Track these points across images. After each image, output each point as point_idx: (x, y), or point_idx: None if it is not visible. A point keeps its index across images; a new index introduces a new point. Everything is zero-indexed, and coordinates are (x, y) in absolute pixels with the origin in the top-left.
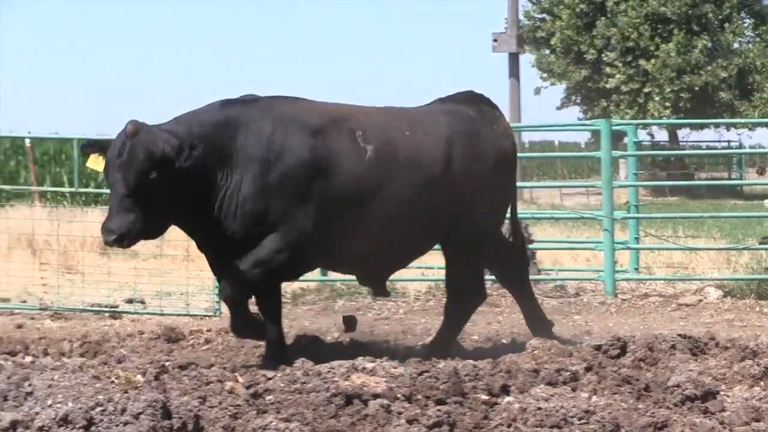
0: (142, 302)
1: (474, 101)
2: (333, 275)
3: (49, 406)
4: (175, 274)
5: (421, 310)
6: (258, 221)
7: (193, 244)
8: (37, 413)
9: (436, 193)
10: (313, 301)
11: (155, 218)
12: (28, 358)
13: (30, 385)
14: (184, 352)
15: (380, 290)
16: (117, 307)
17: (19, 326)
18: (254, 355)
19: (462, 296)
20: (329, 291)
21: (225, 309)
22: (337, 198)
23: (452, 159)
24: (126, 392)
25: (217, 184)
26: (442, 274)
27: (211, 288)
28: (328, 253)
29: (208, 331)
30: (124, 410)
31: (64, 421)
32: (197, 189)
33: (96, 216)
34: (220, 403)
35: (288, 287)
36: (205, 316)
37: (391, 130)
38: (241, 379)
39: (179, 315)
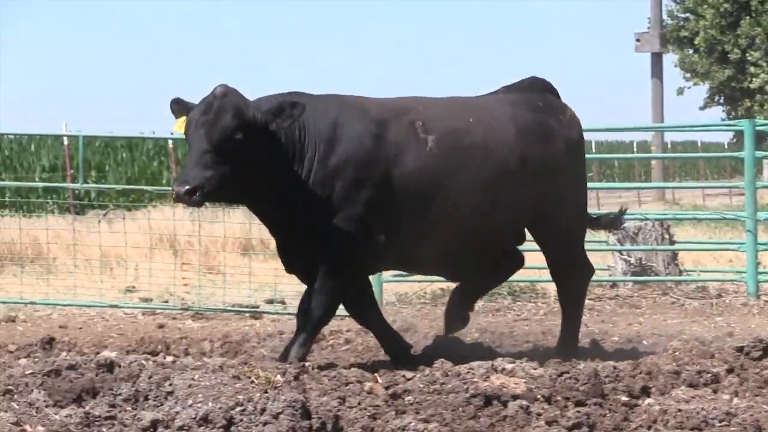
0: (283, 302)
1: (539, 89)
2: None
3: (190, 405)
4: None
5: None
6: (324, 209)
7: None
8: (177, 413)
9: (506, 184)
10: None
11: (232, 182)
12: (169, 358)
13: (171, 384)
14: (323, 352)
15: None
16: (257, 307)
17: (161, 326)
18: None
19: (567, 282)
20: None
21: None
22: (402, 190)
23: (520, 148)
24: (266, 392)
25: (291, 170)
26: None
27: None
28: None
29: (347, 331)
30: (263, 410)
31: (204, 420)
32: (277, 167)
33: (238, 217)
34: (359, 404)
35: (427, 288)
36: (345, 316)
37: (455, 120)
38: (380, 380)
39: None
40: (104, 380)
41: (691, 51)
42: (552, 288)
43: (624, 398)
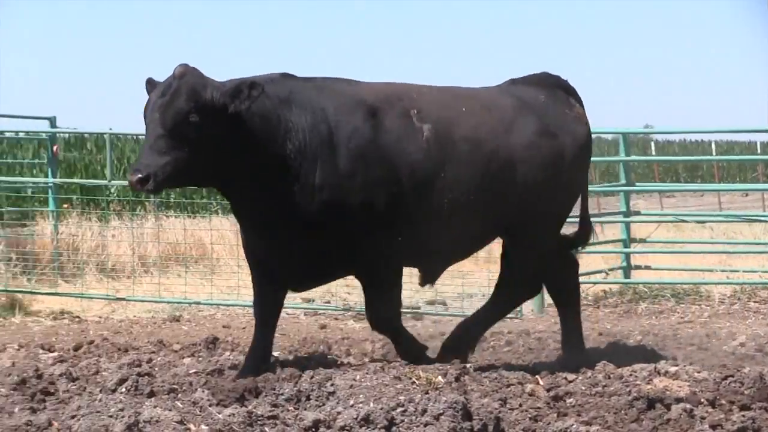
0: (444, 303)
1: (547, 84)
2: (636, 277)
3: (351, 405)
4: (476, 276)
5: (725, 314)
6: (320, 199)
7: (495, 246)
8: (339, 413)
9: (494, 178)
10: (615, 303)
11: (190, 167)
12: (331, 358)
13: (332, 385)
14: (484, 354)
15: (432, 279)
16: (419, 308)
17: (323, 326)
18: (555, 357)
19: (512, 287)
20: (632, 293)
21: (526, 311)
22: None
23: (511, 142)
24: (427, 393)
25: (277, 158)
26: (747, 277)
27: None
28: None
29: (509, 333)
30: (424, 411)
31: (366, 421)
32: (253, 150)
33: None
34: (520, 405)
35: (589, 289)
36: (507, 318)
37: (449, 109)
38: (541, 382)
39: None
40: (267, 380)
41: None
42: (716, 290)
43: None
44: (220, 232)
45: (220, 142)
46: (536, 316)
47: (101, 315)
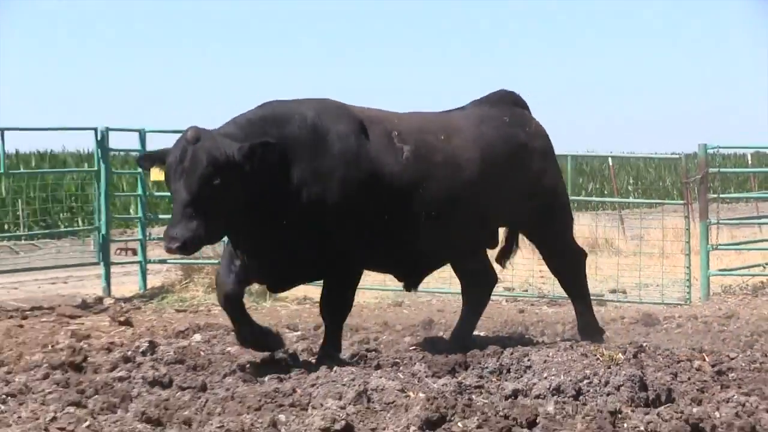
0: (624, 292)
1: (506, 102)
2: None
3: (545, 378)
4: (652, 269)
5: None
6: (312, 213)
7: (668, 243)
8: (534, 384)
9: (471, 196)
10: None
11: (218, 223)
12: (528, 338)
13: (529, 360)
14: (658, 335)
15: (414, 285)
16: (602, 296)
17: (521, 311)
18: (719, 339)
19: (479, 283)
20: None
21: (694, 298)
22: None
23: (486, 163)
24: (609, 368)
25: (273, 182)
26: None
27: (683, 280)
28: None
29: (679, 317)
30: (607, 382)
31: (557, 390)
32: (257, 189)
33: (586, 219)
34: (689, 379)
35: (749, 281)
36: (678, 304)
37: (426, 134)
38: (707, 359)
39: (655, 303)
40: (474, 356)
41: None
42: None
43: None
44: None
45: (240, 194)
46: (702, 303)
47: None
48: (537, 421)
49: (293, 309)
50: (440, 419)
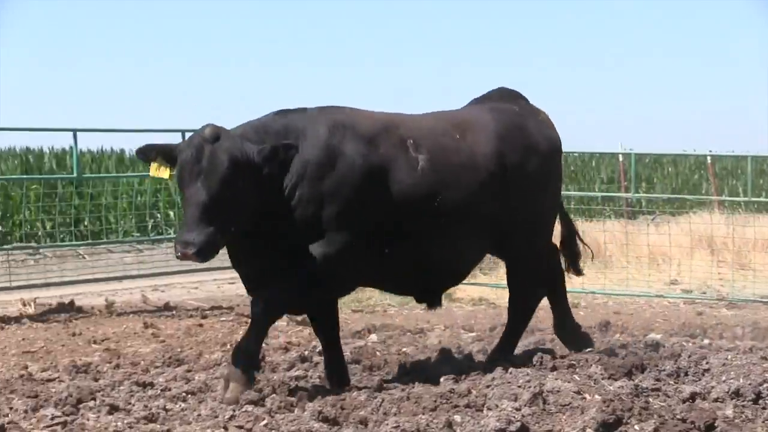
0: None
1: (511, 97)
2: None
3: (723, 381)
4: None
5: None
6: (312, 227)
7: None
8: (712, 387)
9: (493, 192)
10: None
11: (234, 228)
12: (706, 341)
13: (707, 363)
14: None
15: (436, 303)
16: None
17: (699, 313)
18: None
19: (521, 296)
20: None
21: None
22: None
23: (505, 154)
24: None
25: (278, 192)
26: None
27: None
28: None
29: None
30: None
31: (736, 394)
32: (266, 198)
33: (767, 221)
34: None
35: None
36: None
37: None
38: None
39: None
40: (651, 358)
41: None
42: None
43: None
44: (612, 233)
45: (254, 198)
46: None
47: None
48: (715, 424)
49: (469, 310)
50: (616, 422)
